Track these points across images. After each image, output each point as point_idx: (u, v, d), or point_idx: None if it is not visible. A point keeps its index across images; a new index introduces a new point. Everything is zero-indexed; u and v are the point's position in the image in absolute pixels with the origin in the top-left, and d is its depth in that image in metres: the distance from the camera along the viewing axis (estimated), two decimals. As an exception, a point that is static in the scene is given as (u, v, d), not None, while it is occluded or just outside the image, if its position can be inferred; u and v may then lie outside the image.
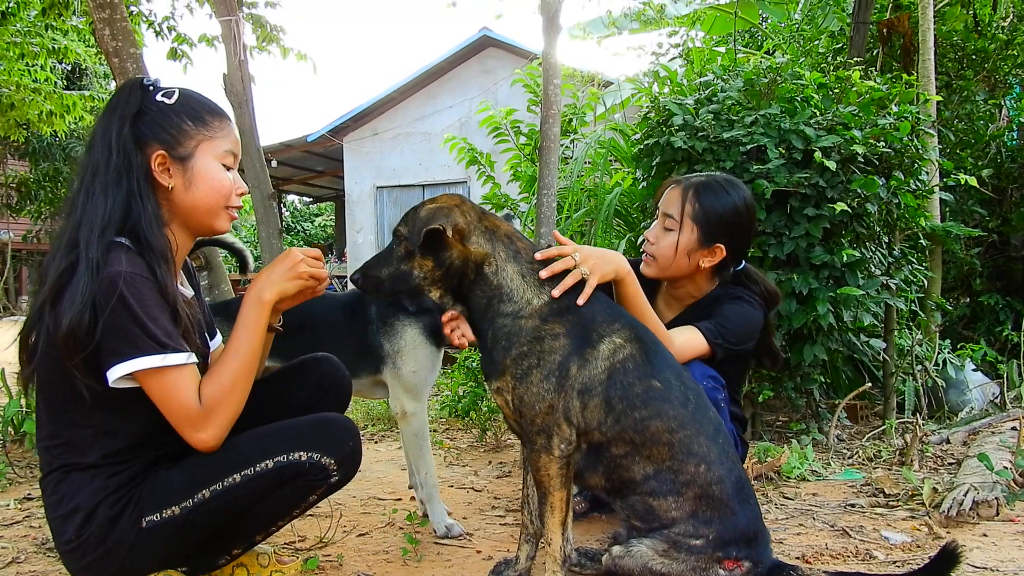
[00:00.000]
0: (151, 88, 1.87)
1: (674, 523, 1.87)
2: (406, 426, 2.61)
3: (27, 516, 2.82)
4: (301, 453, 1.81)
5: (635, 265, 2.48)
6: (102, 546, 1.75)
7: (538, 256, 2.01)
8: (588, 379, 1.89)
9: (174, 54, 6.37)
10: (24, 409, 3.81)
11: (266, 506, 1.84)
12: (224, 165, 1.88)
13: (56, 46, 8.62)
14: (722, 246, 2.43)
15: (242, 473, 1.78)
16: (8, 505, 2.94)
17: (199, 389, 1.74)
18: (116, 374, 1.66)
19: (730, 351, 2.36)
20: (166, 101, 1.84)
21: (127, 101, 1.83)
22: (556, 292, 1.94)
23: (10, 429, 3.84)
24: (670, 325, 2.37)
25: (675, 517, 1.87)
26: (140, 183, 1.79)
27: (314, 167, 19.65)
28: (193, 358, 1.73)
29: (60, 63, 12.24)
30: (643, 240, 2.59)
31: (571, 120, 5.92)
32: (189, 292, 2.00)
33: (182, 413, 1.71)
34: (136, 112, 1.82)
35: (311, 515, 2.73)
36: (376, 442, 4.23)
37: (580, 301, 1.95)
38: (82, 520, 1.75)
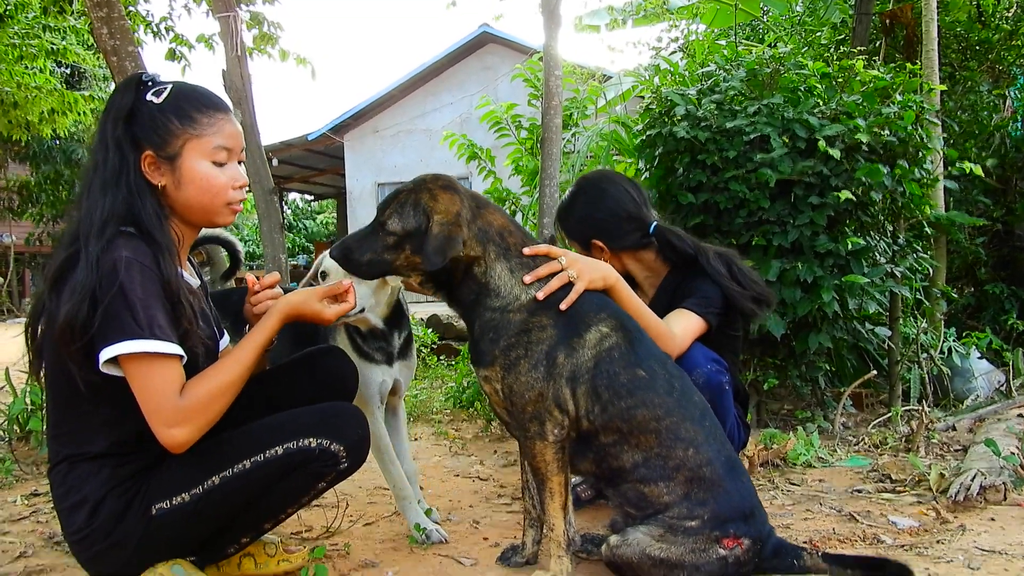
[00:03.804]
0: (148, 84, 1.86)
1: (667, 507, 1.88)
2: None
3: (34, 511, 2.82)
4: (311, 440, 1.81)
5: None
6: (111, 535, 1.75)
7: (526, 251, 2.01)
8: (576, 367, 1.90)
9: (172, 55, 6.37)
10: (29, 407, 3.81)
11: (275, 493, 1.84)
12: (216, 161, 1.85)
13: (55, 47, 8.63)
14: (595, 241, 2.61)
15: (252, 459, 1.78)
16: (15, 501, 2.94)
17: (186, 386, 1.71)
18: (103, 358, 1.65)
19: (720, 316, 2.44)
20: (154, 101, 1.82)
21: (119, 102, 1.83)
22: (541, 295, 1.94)
23: (15, 427, 3.84)
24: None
25: (668, 502, 1.88)
26: (137, 181, 1.79)
27: (315, 165, 19.66)
28: (178, 350, 1.70)
29: (59, 65, 12.25)
30: None
31: (572, 114, 5.91)
32: (195, 282, 2.00)
33: (156, 404, 1.67)
34: (128, 112, 1.82)
35: (318, 505, 2.73)
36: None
37: (563, 306, 1.94)
38: (90, 510, 1.75)
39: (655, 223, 2.62)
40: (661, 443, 1.89)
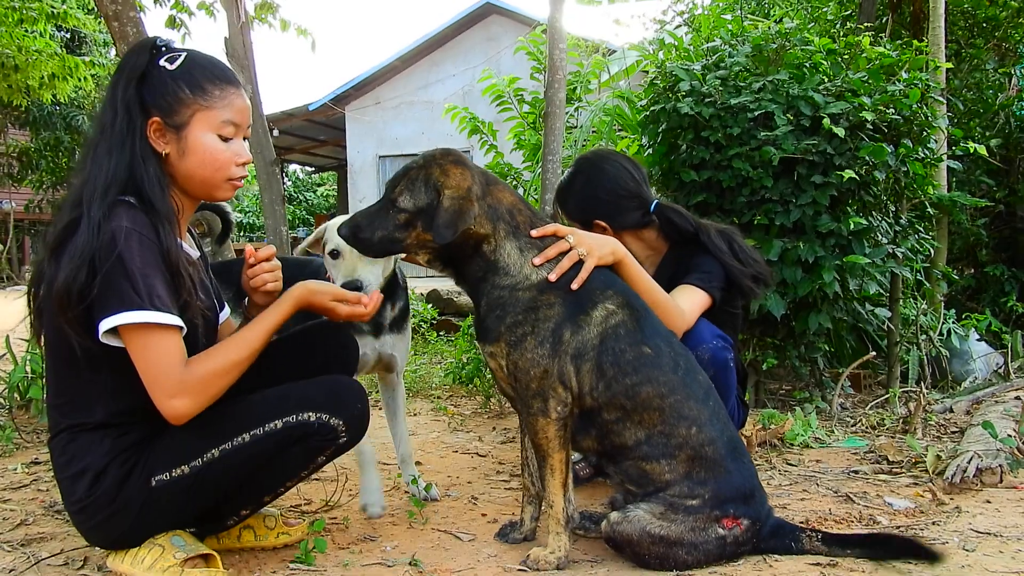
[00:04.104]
0: (162, 49, 1.85)
1: (668, 486, 1.90)
2: None
3: (34, 480, 2.83)
4: (310, 414, 1.81)
5: None
6: (112, 505, 1.76)
7: (534, 233, 2.00)
8: (581, 344, 1.91)
9: (172, 22, 6.29)
10: (30, 375, 3.82)
11: (275, 466, 1.85)
12: (223, 135, 1.85)
13: (55, 11, 8.54)
14: (598, 222, 2.57)
15: (252, 432, 1.78)
16: (15, 469, 2.96)
17: (192, 360, 1.72)
18: (102, 329, 1.65)
19: (724, 290, 2.45)
20: (167, 67, 1.82)
21: (134, 63, 1.82)
22: (552, 276, 1.95)
23: (16, 395, 3.85)
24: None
25: (669, 480, 1.89)
26: (143, 146, 1.78)
27: (316, 136, 19.55)
28: (178, 321, 1.70)
29: (59, 29, 12.14)
30: None
31: (575, 88, 5.86)
32: (195, 253, 2.00)
33: (156, 375, 1.68)
34: (141, 75, 1.81)
35: (317, 479, 2.75)
36: (380, 408, 4.23)
37: (575, 285, 1.95)
38: (91, 480, 1.76)
39: (656, 201, 2.62)
40: (664, 421, 1.90)
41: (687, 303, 2.33)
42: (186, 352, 1.73)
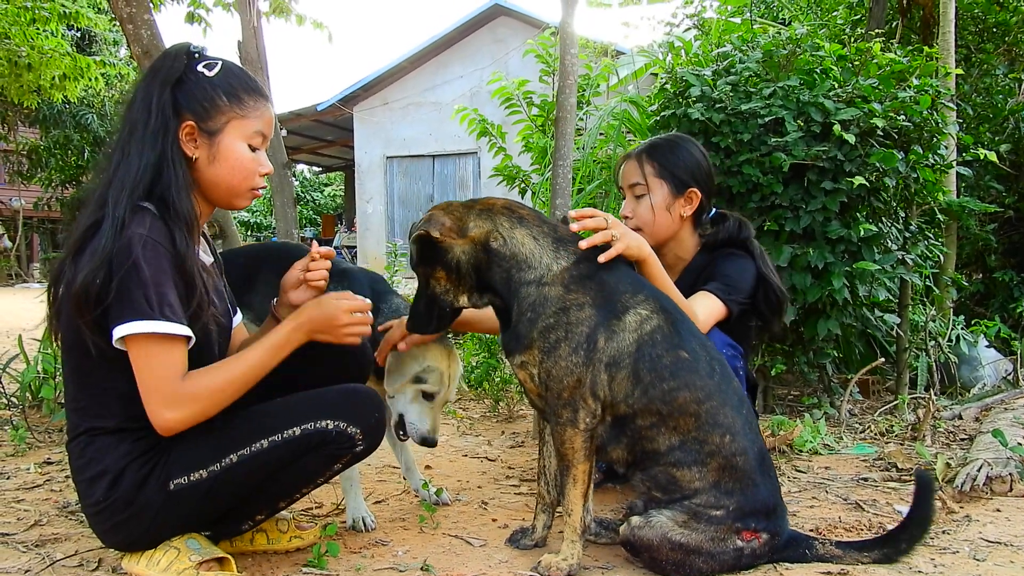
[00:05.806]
0: (196, 56, 1.88)
1: (696, 493, 1.89)
2: None
3: (47, 480, 2.85)
4: (328, 422, 1.82)
5: None
6: (129, 508, 1.78)
7: (572, 214, 2.01)
8: (616, 352, 1.89)
9: (191, 18, 6.32)
10: (41, 375, 3.84)
11: (292, 473, 1.87)
12: (251, 145, 1.89)
13: (67, 11, 8.58)
14: (695, 190, 2.53)
15: (270, 439, 1.80)
16: (28, 469, 2.98)
17: (193, 374, 1.73)
18: (115, 336, 1.67)
19: (742, 305, 2.42)
20: (206, 73, 1.85)
21: (171, 66, 1.85)
22: (584, 244, 1.95)
23: (28, 394, 3.87)
24: None
25: (698, 487, 1.89)
26: (174, 148, 1.81)
27: (324, 136, 19.61)
28: (187, 331, 1.71)
29: (70, 28, 12.20)
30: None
31: (584, 91, 5.86)
32: (209, 259, 2.02)
33: (155, 384, 1.69)
34: (177, 79, 1.83)
35: (328, 483, 2.76)
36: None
37: (602, 258, 1.95)
38: (110, 483, 1.78)
39: (715, 210, 2.66)
40: (700, 427, 1.89)
41: (704, 311, 2.30)
42: (187, 364, 1.74)
